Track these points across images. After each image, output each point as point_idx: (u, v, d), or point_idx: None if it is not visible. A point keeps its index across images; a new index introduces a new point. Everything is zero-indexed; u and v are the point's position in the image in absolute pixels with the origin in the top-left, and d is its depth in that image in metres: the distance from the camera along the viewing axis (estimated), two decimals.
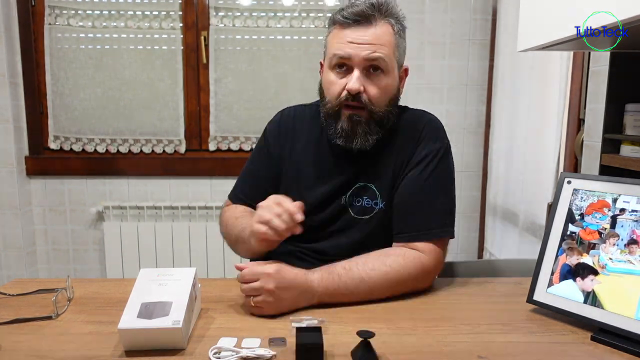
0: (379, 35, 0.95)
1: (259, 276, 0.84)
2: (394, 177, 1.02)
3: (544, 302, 0.84)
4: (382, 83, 0.97)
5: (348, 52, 0.94)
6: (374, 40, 0.94)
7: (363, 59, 0.94)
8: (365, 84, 0.96)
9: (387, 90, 0.98)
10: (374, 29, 0.95)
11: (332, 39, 0.99)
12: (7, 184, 2.28)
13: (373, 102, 0.97)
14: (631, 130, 1.12)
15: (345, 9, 0.96)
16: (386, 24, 0.96)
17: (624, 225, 0.79)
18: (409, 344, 0.75)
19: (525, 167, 1.84)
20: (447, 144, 1.04)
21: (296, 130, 1.10)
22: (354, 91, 0.95)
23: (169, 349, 0.72)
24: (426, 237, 0.96)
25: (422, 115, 1.07)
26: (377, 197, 1.02)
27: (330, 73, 0.99)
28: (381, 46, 0.95)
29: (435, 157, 1.00)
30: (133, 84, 2.34)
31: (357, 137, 0.98)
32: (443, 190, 1.00)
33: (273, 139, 1.11)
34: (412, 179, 1.00)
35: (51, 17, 2.28)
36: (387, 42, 0.95)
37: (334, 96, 0.98)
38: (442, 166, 1.00)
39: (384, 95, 0.98)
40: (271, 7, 2.31)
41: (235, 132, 2.36)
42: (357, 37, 0.94)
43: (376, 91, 0.97)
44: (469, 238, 2.44)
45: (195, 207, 2.32)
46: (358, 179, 1.03)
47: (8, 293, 0.94)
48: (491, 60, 2.24)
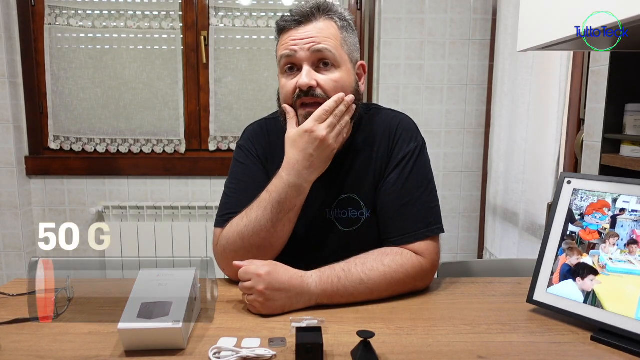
0: (321, 28, 0.94)
1: (250, 276, 0.84)
2: (375, 183, 1.01)
3: (544, 302, 0.84)
4: (334, 76, 0.95)
5: (292, 49, 0.93)
6: (317, 33, 0.94)
7: (308, 53, 0.93)
8: (317, 79, 0.94)
9: (342, 83, 0.95)
10: (314, 24, 0.95)
11: (278, 46, 0.98)
12: (7, 184, 2.28)
13: (329, 94, 0.94)
14: (631, 130, 1.12)
15: (285, 15, 0.97)
16: (328, 19, 0.96)
17: (624, 225, 0.79)
18: (409, 344, 0.75)
19: (525, 167, 1.84)
20: (422, 141, 1.03)
21: (271, 144, 1.06)
22: (305, 85, 0.92)
23: (169, 349, 0.72)
24: (417, 237, 0.95)
25: (394, 117, 1.05)
26: (362, 207, 1.02)
27: (282, 78, 0.97)
28: (325, 38, 0.94)
29: (412, 158, 1.00)
30: (133, 84, 2.34)
31: None
32: (424, 188, 0.99)
33: (256, 149, 1.06)
34: (392, 183, 0.99)
35: (51, 17, 2.28)
36: (330, 35, 0.95)
37: (287, 97, 0.96)
38: (419, 165, 1.00)
39: (339, 87, 0.95)
40: (271, 7, 2.31)
41: (235, 132, 2.37)
42: (299, 34, 0.94)
43: (330, 83, 0.94)
44: (469, 238, 2.44)
45: (195, 207, 2.32)
46: (341, 192, 1.02)
47: (8, 293, 0.94)
48: (491, 60, 2.24)
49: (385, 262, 0.91)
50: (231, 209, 1.00)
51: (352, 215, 1.02)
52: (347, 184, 1.02)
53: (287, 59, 0.95)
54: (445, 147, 2.33)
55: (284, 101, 0.97)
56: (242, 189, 1.03)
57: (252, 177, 1.04)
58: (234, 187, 1.04)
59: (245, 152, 1.07)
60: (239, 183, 1.04)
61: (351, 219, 1.02)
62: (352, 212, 1.02)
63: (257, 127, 1.10)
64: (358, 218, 1.02)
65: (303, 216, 0.98)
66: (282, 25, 0.97)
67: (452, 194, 2.37)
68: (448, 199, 2.37)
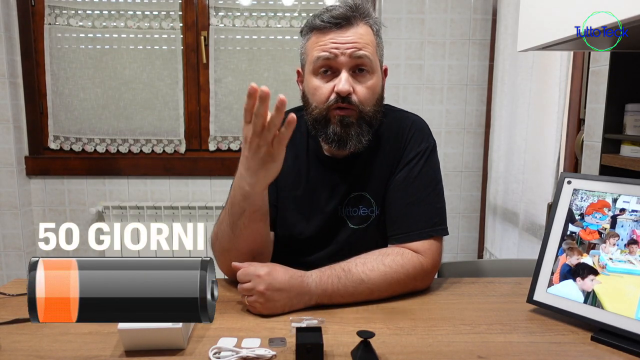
0: (361, 34, 0.94)
1: (250, 277, 0.84)
2: (385, 181, 1.02)
3: (544, 302, 0.84)
4: (368, 83, 0.95)
5: (334, 52, 0.93)
6: (358, 39, 0.93)
7: (349, 59, 0.93)
8: (353, 85, 0.94)
9: (374, 90, 0.97)
10: (355, 29, 0.94)
11: (312, 45, 0.96)
12: (7, 184, 2.28)
13: (363, 102, 0.95)
14: (631, 130, 1.12)
15: (323, 14, 0.95)
16: (366, 24, 0.96)
17: (624, 225, 0.79)
18: (409, 344, 0.75)
19: (525, 167, 1.84)
20: (433, 142, 1.03)
21: (291, 141, 1.06)
22: (345, 92, 0.92)
23: (168, 349, 0.72)
24: (420, 237, 0.96)
25: (406, 117, 1.06)
26: (372, 205, 1.02)
27: (314, 79, 0.96)
28: (365, 45, 0.94)
29: (422, 158, 1.00)
30: (133, 84, 2.33)
31: (350, 140, 0.95)
32: (432, 188, 1.00)
33: None
34: (400, 181, 1.00)
35: (51, 17, 2.28)
36: (369, 41, 0.95)
37: (321, 101, 0.95)
38: (429, 166, 1.00)
39: (372, 95, 0.96)
40: (271, 7, 2.31)
41: (235, 132, 2.36)
42: (340, 38, 0.93)
43: (365, 91, 0.95)
44: (469, 238, 2.44)
45: (195, 207, 2.32)
46: (352, 189, 1.03)
47: (8, 293, 0.94)
48: (491, 60, 2.24)
49: (385, 262, 0.91)
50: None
51: (362, 212, 1.03)
52: (358, 182, 1.03)
53: (325, 61, 0.94)
54: (445, 147, 2.33)
55: (318, 104, 0.96)
56: None
57: None
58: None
59: None
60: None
61: (361, 217, 1.03)
62: (363, 209, 1.03)
63: None
64: (368, 216, 1.03)
65: (316, 213, 0.99)
66: (320, 26, 0.95)
67: (452, 194, 2.37)
68: (448, 199, 2.34)
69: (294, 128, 0.81)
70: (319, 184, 1.04)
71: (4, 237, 2.33)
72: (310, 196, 1.04)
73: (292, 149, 1.01)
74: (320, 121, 0.97)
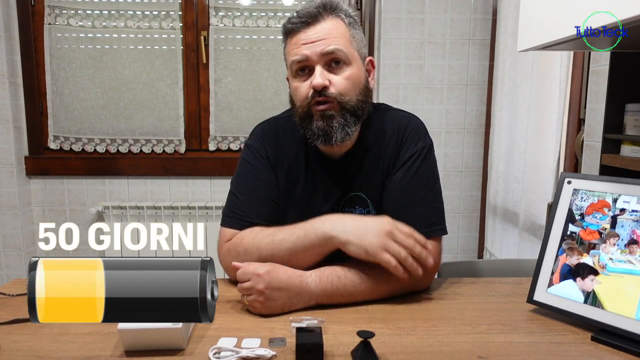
0: (329, 28, 0.95)
1: (249, 276, 0.84)
2: (382, 181, 1.02)
3: (544, 302, 0.84)
4: (346, 73, 0.95)
5: (304, 53, 0.94)
6: (326, 35, 0.94)
7: (320, 55, 0.94)
8: (329, 78, 0.94)
9: (354, 80, 0.96)
10: (322, 25, 0.95)
11: (289, 50, 0.98)
12: (7, 184, 2.28)
13: (342, 93, 0.95)
14: (631, 130, 1.12)
15: (292, 16, 0.97)
16: (335, 17, 0.96)
17: (624, 225, 0.79)
18: (409, 344, 0.75)
19: (525, 167, 1.84)
20: (430, 142, 1.04)
21: (281, 145, 1.06)
22: (319, 86, 0.93)
23: (168, 349, 0.72)
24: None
25: (402, 117, 1.06)
26: (368, 205, 1.03)
27: (294, 80, 0.98)
28: (335, 38, 0.94)
29: (418, 158, 1.00)
30: (133, 84, 2.33)
31: (334, 133, 0.95)
32: (429, 188, 1.00)
33: (265, 150, 1.05)
34: (397, 181, 0.99)
35: (51, 17, 2.28)
36: (339, 34, 0.95)
37: (302, 99, 0.97)
38: (425, 165, 1.00)
39: (352, 85, 0.96)
40: (271, 7, 2.31)
41: (235, 132, 2.36)
42: (308, 36, 0.94)
43: (343, 82, 0.95)
44: (469, 238, 2.44)
45: (195, 207, 2.32)
46: (349, 190, 1.03)
47: (8, 293, 0.94)
48: (491, 60, 2.24)
49: None
50: (241, 211, 1.00)
51: (359, 212, 1.03)
52: (355, 182, 1.03)
53: (298, 63, 0.95)
54: (445, 147, 2.33)
55: (300, 102, 0.97)
56: (251, 190, 1.02)
57: (260, 179, 1.03)
58: (242, 189, 1.03)
59: (254, 152, 1.05)
60: (248, 184, 1.03)
61: None
62: (359, 210, 1.03)
63: (266, 126, 1.09)
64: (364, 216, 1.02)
65: (312, 213, 0.99)
66: (289, 28, 0.97)
67: (452, 194, 2.37)
68: (448, 199, 2.36)
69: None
70: (316, 184, 1.04)
71: (4, 237, 2.33)
72: (307, 196, 1.04)
73: (292, 148, 1.04)
74: (305, 119, 0.98)
